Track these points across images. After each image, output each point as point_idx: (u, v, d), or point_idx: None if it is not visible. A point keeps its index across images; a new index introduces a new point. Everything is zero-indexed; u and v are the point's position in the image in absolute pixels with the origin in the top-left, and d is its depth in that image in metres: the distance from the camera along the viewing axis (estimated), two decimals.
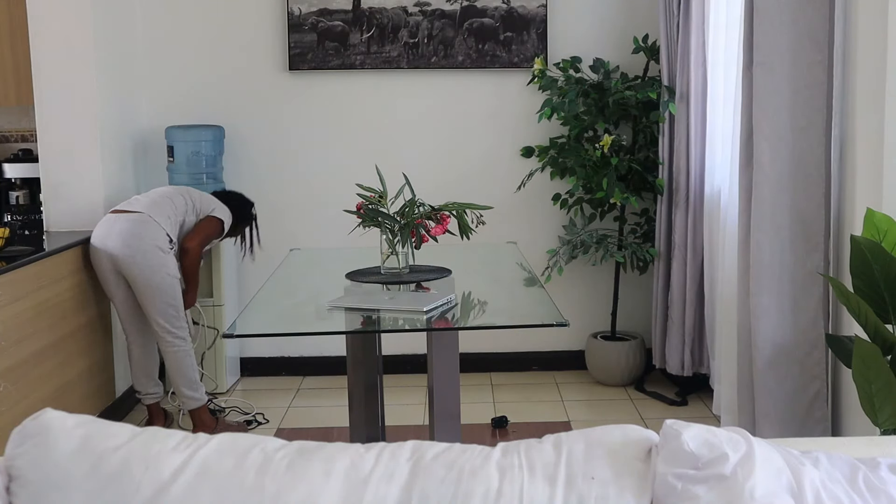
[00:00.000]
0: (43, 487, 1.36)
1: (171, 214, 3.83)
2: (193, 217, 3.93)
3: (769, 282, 3.09)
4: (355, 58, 4.65)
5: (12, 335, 3.29)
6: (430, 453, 1.41)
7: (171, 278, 3.77)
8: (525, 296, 3.04)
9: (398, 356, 4.44)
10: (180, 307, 3.84)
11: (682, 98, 4.18)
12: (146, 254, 3.70)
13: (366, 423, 3.15)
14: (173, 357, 3.87)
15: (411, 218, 2.93)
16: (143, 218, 3.74)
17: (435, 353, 2.63)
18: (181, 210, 3.88)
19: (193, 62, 4.65)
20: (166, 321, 3.80)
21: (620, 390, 4.56)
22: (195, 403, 3.92)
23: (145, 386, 4.00)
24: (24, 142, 4.65)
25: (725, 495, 1.31)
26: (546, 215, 4.75)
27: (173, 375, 3.88)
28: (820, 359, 3.06)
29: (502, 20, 4.63)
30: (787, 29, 2.99)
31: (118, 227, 3.73)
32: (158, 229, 3.74)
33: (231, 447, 1.41)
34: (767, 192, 3.07)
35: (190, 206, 3.93)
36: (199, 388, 3.93)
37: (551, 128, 4.63)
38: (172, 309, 3.80)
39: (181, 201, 3.90)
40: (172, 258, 3.80)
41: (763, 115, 3.06)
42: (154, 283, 3.73)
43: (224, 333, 3.52)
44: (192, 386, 3.90)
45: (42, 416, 1.42)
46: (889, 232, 2.45)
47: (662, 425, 1.43)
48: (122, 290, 3.83)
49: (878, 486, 1.39)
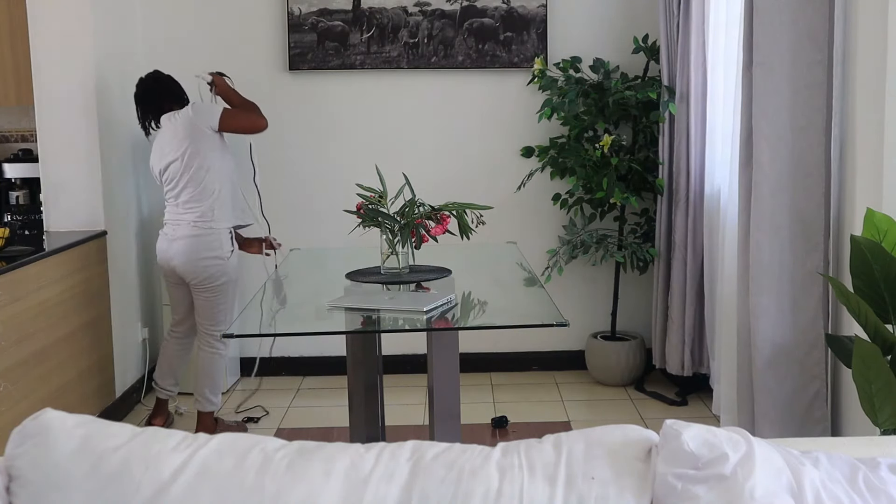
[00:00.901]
0: (43, 487, 1.36)
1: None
2: (212, 133, 3.77)
3: (769, 282, 3.09)
4: (355, 58, 4.65)
5: (12, 335, 3.29)
6: (430, 453, 1.41)
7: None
8: (525, 296, 3.04)
9: (398, 356, 4.44)
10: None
11: (682, 98, 4.18)
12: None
13: (366, 423, 3.15)
14: (209, 360, 3.92)
15: (411, 218, 2.93)
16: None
17: (435, 353, 2.63)
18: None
19: (193, 62, 4.64)
20: (216, 326, 3.88)
21: (620, 390, 4.56)
22: (211, 407, 3.96)
23: (166, 381, 4.02)
24: (24, 142, 4.64)
25: (725, 495, 1.31)
26: (546, 215, 4.75)
27: (202, 377, 3.92)
28: (820, 359, 3.06)
29: (502, 20, 4.63)
30: (787, 29, 2.99)
31: None
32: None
33: (231, 447, 1.41)
34: (767, 192, 3.07)
35: (204, 142, 3.76)
36: (219, 393, 4.00)
37: (551, 128, 4.64)
38: (224, 315, 3.89)
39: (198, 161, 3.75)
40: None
41: (763, 115, 3.06)
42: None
43: (224, 333, 3.53)
44: (215, 391, 3.95)
45: (42, 416, 1.42)
46: (889, 232, 2.45)
47: (662, 425, 1.43)
48: (184, 288, 3.90)
49: (878, 486, 1.39)
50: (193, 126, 3.73)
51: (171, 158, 3.75)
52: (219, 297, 3.84)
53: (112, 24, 4.32)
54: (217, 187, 3.77)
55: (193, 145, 3.72)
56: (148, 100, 3.90)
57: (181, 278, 3.84)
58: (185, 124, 3.73)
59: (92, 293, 3.97)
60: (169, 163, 3.76)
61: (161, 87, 3.91)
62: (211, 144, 3.76)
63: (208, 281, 3.80)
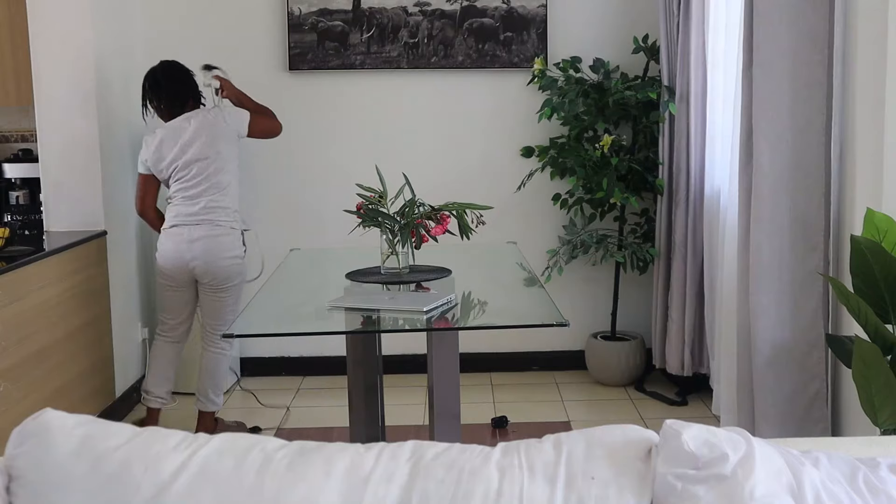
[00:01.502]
0: (43, 487, 1.36)
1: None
2: (235, 136, 3.88)
3: (769, 282, 3.09)
4: (355, 58, 4.65)
5: (12, 335, 3.29)
6: (430, 453, 1.41)
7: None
8: (525, 296, 3.04)
9: (398, 356, 4.44)
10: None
11: (682, 98, 4.18)
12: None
13: (366, 423, 3.15)
14: (216, 360, 3.93)
15: (411, 218, 2.93)
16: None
17: (435, 353, 2.63)
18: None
19: (193, 62, 4.64)
20: (224, 326, 3.88)
21: (620, 390, 4.56)
22: (213, 407, 3.96)
23: (161, 388, 3.95)
24: (24, 142, 4.64)
25: (725, 495, 1.31)
26: (546, 215, 4.75)
27: (206, 377, 3.92)
28: (820, 359, 3.06)
29: (502, 20, 4.63)
30: (786, 29, 2.99)
31: None
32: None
33: (231, 447, 1.41)
34: (767, 192, 3.07)
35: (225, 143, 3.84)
36: (222, 393, 4.00)
37: (551, 128, 4.64)
38: (232, 315, 3.88)
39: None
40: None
41: (763, 115, 3.06)
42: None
43: (224, 333, 3.53)
44: (218, 391, 3.96)
45: (42, 416, 1.42)
46: (889, 232, 2.45)
47: (662, 425, 1.43)
48: (191, 291, 3.91)
49: (878, 486, 1.39)
50: (228, 130, 3.83)
51: (198, 157, 3.76)
52: (231, 296, 3.88)
53: (112, 24, 4.32)
54: (235, 191, 3.87)
55: (225, 149, 3.81)
56: (173, 90, 3.88)
57: (193, 280, 3.84)
58: (221, 127, 3.81)
59: (92, 293, 3.97)
60: (193, 160, 3.76)
61: (188, 79, 3.93)
62: (235, 150, 3.88)
63: (227, 281, 3.83)
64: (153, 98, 3.89)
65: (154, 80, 3.89)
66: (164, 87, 3.87)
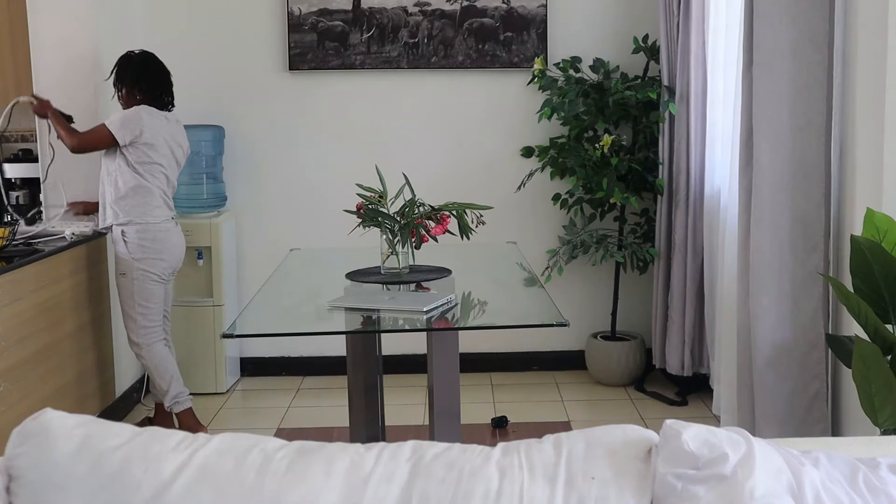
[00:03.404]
0: (43, 487, 1.36)
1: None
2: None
3: (769, 282, 3.09)
4: (355, 58, 4.65)
5: (12, 335, 3.29)
6: (430, 453, 1.41)
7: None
8: (525, 296, 3.04)
9: (398, 356, 4.44)
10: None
11: (682, 98, 4.18)
12: None
13: (366, 423, 3.15)
14: (168, 351, 3.98)
15: (411, 218, 2.93)
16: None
17: (435, 353, 2.63)
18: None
19: (193, 62, 4.65)
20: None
21: (620, 390, 4.56)
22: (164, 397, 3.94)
23: (184, 386, 3.95)
24: (24, 142, 4.64)
25: (725, 495, 1.31)
26: (546, 215, 4.75)
27: (162, 369, 3.91)
28: (820, 359, 3.06)
29: (502, 20, 4.63)
30: (787, 29, 2.99)
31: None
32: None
33: (231, 447, 1.41)
34: (767, 193, 3.07)
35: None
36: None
37: (551, 128, 4.63)
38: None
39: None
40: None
41: (763, 115, 3.06)
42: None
43: (224, 333, 3.52)
44: (169, 379, 3.95)
45: (42, 416, 1.42)
46: (889, 232, 2.45)
47: (662, 425, 1.43)
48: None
49: (878, 486, 1.39)
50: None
51: (180, 158, 3.94)
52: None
53: (112, 24, 4.32)
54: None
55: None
56: (161, 81, 3.89)
57: (173, 272, 3.97)
58: (183, 132, 3.98)
59: (92, 293, 3.97)
60: (183, 157, 3.96)
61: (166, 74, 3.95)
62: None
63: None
64: (142, 81, 3.83)
65: (155, 66, 3.89)
66: (163, 80, 3.90)
